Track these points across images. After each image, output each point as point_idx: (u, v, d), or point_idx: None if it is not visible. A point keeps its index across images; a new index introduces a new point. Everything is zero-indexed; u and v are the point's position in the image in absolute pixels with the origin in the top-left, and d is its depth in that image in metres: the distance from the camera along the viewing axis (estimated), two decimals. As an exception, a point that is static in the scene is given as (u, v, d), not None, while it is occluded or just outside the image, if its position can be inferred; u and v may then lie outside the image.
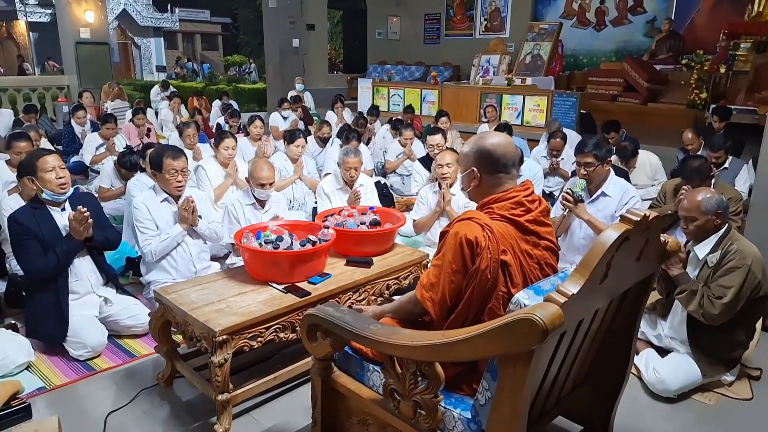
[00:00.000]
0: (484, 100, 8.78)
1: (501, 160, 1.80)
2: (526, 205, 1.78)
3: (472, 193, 1.90)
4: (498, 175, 1.82)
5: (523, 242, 1.75)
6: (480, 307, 1.70)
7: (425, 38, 13.83)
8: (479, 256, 1.65)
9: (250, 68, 21.17)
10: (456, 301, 1.73)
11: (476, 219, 1.71)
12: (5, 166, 4.34)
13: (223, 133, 4.84)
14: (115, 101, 9.57)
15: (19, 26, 23.24)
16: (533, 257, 1.76)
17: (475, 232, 1.67)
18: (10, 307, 3.45)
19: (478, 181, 1.84)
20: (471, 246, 1.66)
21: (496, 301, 1.69)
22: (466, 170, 1.87)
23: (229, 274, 2.76)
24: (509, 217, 1.75)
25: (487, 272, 1.65)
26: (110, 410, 2.50)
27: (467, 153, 1.86)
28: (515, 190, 1.80)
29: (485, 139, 1.85)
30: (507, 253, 1.68)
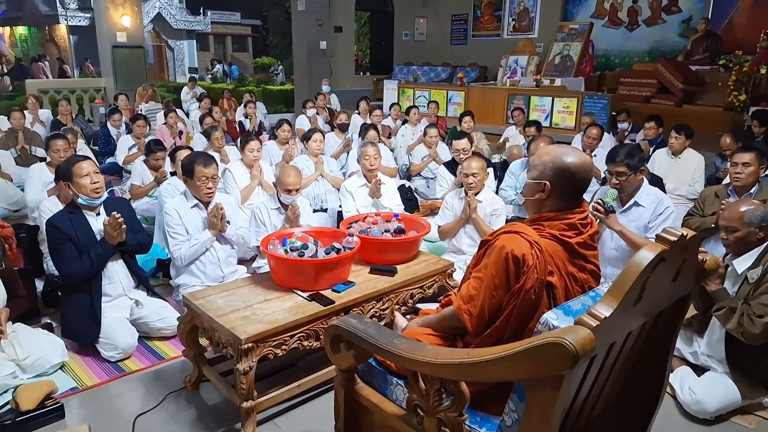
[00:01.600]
0: (512, 102, 8.68)
1: (580, 184, 1.71)
2: (578, 228, 1.71)
3: (530, 203, 1.79)
4: (568, 197, 1.72)
5: (570, 264, 1.69)
6: (519, 327, 1.66)
7: (452, 39, 13.74)
8: (525, 274, 1.59)
9: (277, 69, 21.38)
10: (494, 316, 1.69)
11: (525, 234, 1.64)
12: (45, 167, 4.47)
13: (248, 136, 4.91)
14: (149, 103, 9.77)
15: (60, 30, 23.97)
16: (578, 280, 1.70)
17: (523, 248, 1.61)
18: (47, 307, 3.56)
19: (546, 196, 1.72)
20: (517, 263, 1.61)
21: (537, 323, 1.60)
22: (537, 179, 1.73)
23: (255, 280, 2.79)
24: (559, 237, 1.68)
25: (532, 292, 1.60)
26: (139, 412, 2.54)
27: (546, 163, 1.72)
28: (572, 212, 1.72)
29: (571, 156, 1.70)
30: (554, 274, 1.63)
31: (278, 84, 18.52)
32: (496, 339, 1.67)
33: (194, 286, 3.29)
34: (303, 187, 4.47)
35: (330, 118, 8.80)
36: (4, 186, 5.31)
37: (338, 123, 7.08)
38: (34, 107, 7.97)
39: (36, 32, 25.35)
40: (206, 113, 7.60)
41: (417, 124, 7.38)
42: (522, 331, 1.65)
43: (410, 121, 7.42)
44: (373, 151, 4.16)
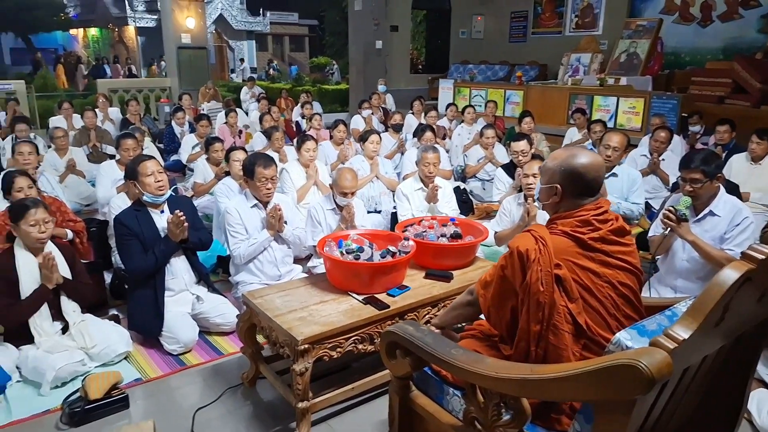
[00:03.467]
0: (573, 102, 8.41)
1: (590, 183, 1.76)
2: (593, 224, 1.73)
3: (547, 207, 1.87)
4: (581, 197, 1.77)
5: (585, 259, 1.70)
6: (541, 323, 1.66)
7: (511, 36, 13.44)
8: (530, 269, 1.66)
9: (333, 69, 21.63)
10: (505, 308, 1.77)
11: (534, 231, 1.73)
12: (115, 165, 4.68)
13: (305, 136, 4.97)
14: (210, 102, 10.09)
15: (129, 31, 25.19)
16: (600, 275, 1.69)
17: (527, 244, 1.69)
18: (114, 299, 3.73)
19: (559, 198, 1.80)
20: (522, 258, 1.68)
21: (559, 317, 1.65)
22: (548, 184, 1.82)
23: (312, 281, 2.81)
24: (570, 233, 1.73)
25: (539, 284, 1.64)
26: (198, 406, 2.62)
27: (554, 168, 1.80)
28: (585, 209, 1.75)
29: (577, 158, 1.77)
30: (561, 267, 1.67)
31: (334, 83, 18.75)
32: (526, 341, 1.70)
33: (252, 283, 3.36)
34: (358, 189, 4.48)
35: (384, 118, 8.81)
36: (77, 182, 5.60)
37: (392, 123, 7.08)
38: (105, 106, 8.38)
39: (106, 34, 26.74)
40: (265, 112, 7.77)
41: (473, 124, 7.27)
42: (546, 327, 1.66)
43: (466, 120, 7.31)
44: (433, 157, 4.09)
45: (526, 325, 1.69)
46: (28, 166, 4.23)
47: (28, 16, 22.20)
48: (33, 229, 2.76)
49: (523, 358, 1.70)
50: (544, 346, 1.66)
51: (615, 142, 4.06)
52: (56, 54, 24.95)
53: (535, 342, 1.67)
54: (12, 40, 26.11)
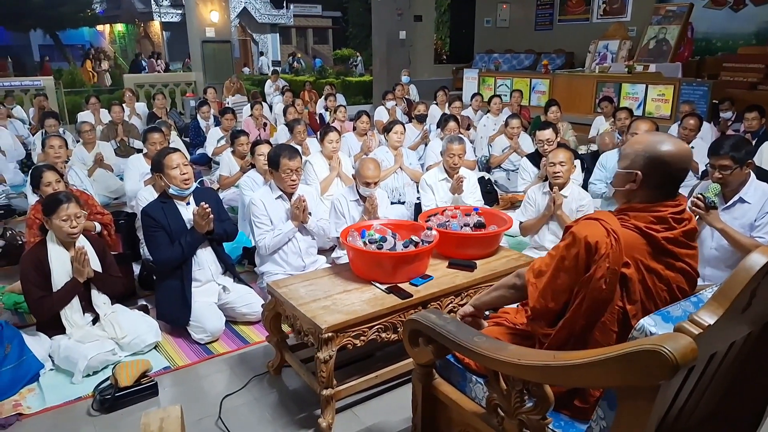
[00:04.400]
0: (601, 90, 8.26)
1: (674, 175, 1.61)
2: (669, 222, 1.60)
3: (620, 193, 1.70)
4: (661, 188, 1.62)
5: (653, 260, 1.58)
6: (591, 319, 1.60)
7: (536, 24, 13.22)
8: (596, 263, 1.54)
9: (356, 61, 21.62)
10: (557, 301, 1.65)
11: (604, 222, 1.58)
12: (142, 159, 4.78)
13: (328, 128, 5.00)
14: (235, 96, 10.20)
15: (154, 26, 25.57)
16: (663, 278, 1.59)
17: (597, 235, 1.55)
18: (143, 290, 3.82)
19: (636, 186, 1.62)
20: (589, 250, 1.55)
21: (611, 316, 1.57)
22: (627, 169, 1.64)
23: (335, 271, 2.83)
24: (644, 229, 1.58)
25: (602, 282, 1.53)
26: (225, 393, 2.67)
27: (637, 152, 1.62)
28: (664, 205, 1.61)
29: (664, 144, 1.59)
30: (630, 266, 1.55)
31: (357, 75, 18.77)
32: (568, 332, 1.63)
33: (277, 274, 3.40)
34: (382, 180, 4.49)
35: (408, 108, 8.79)
36: (105, 176, 5.73)
37: (416, 114, 7.06)
38: (131, 101, 8.53)
39: (132, 29, 27.19)
40: (289, 105, 7.83)
41: (498, 114, 7.20)
42: (594, 323, 1.59)
43: (491, 110, 7.25)
44: (458, 148, 4.08)
45: (574, 318, 1.60)
46: (59, 160, 4.33)
47: (55, 13, 22.70)
48: (65, 224, 2.83)
49: (560, 346, 1.64)
50: (586, 340, 1.61)
51: (643, 130, 3.98)
52: (83, 50, 25.49)
53: (579, 335, 1.61)
54: (41, 37, 26.74)
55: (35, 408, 2.59)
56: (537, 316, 1.74)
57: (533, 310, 1.73)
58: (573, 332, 1.63)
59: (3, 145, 6.51)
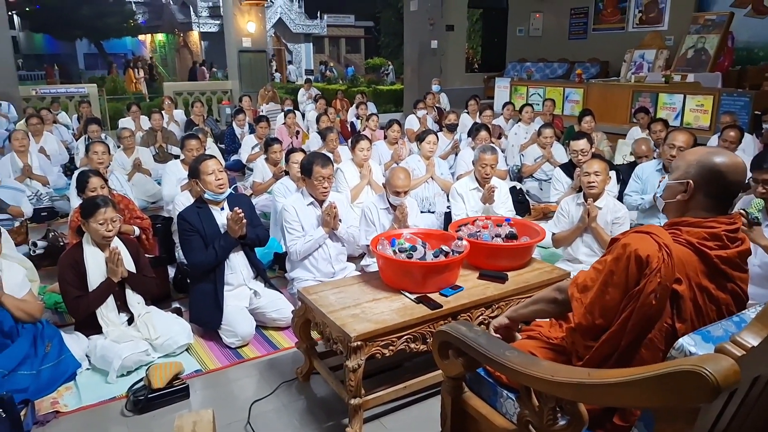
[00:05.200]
0: (637, 99, 8.09)
1: (729, 187, 1.56)
2: (723, 240, 1.54)
3: (671, 206, 1.66)
4: (714, 200, 1.57)
5: (705, 278, 1.53)
6: (638, 336, 1.55)
7: (570, 33, 13.06)
8: (646, 277, 1.48)
9: (387, 69, 21.74)
10: (606, 317, 1.59)
11: (655, 235, 1.53)
12: (180, 165, 4.89)
13: (359, 136, 5.03)
14: (269, 104, 10.36)
15: (193, 36, 26.26)
16: (714, 299, 1.54)
17: (648, 249, 1.49)
18: (177, 292, 3.90)
19: (688, 197, 1.58)
20: (640, 264, 1.50)
21: (659, 334, 1.52)
22: (679, 178, 1.61)
23: (365, 279, 2.84)
24: (697, 246, 1.53)
25: (652, 297, 1.48)
26: (254, 399, 2.69)
27: (690, 162, 1.59)
28: (717, 221, 1.56)
29: (720, 155, 1.56)
30: (682, 283, 1.49)
31: (388, 84, 18.86)
32: (612, 347, 1.58)
33: (307, 280, 3.43)
34: (412, 189, 4.49)
35: (439, 117, 8.78)
36: (144, 180, 5.89)
37: (447, 123, 7.05)
38: (170, 108, 8.76)
39: (172, 39, 27.98)
40: (322, 113, 7.91)
41: (530, 123, 7.13)
42: (641, 340, 1.54)
43: (524, 119, 7.18)
44: (491, 158, 4.04)
45: (619, 333, 1.55)
46: (102, 165, 4.48)
47: (100, 24, 23.58)
48: (101, 227, 2.93)
49: (601, 362, 1.60)
50: (631, 358, 1.56)
51: (681, 141, 3.89)
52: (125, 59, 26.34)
53: (623, 352, 1.56)
54: (86, 46, 27.76)
55: (72, 406, 2.66)
56: (582, 332, 1.68)
57: (579, 327, 1.67)
58: (617, 348, 1.58)
59: (48, 149, 6.76)
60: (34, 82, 21.37)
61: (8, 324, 2.73)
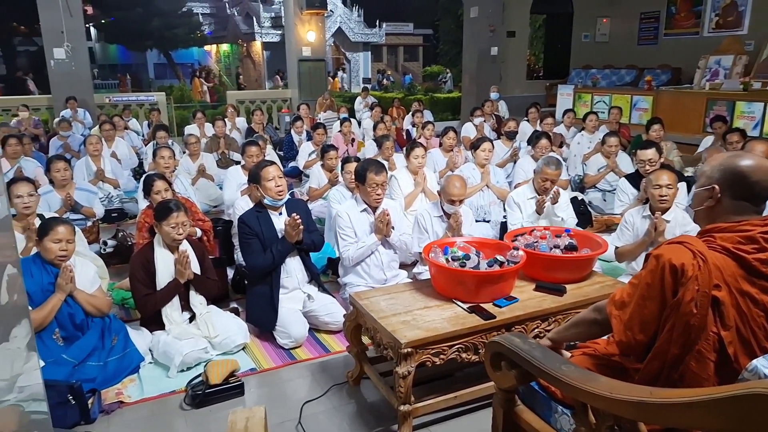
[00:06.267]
0: (711, 108, 7.68)
1: (754, 186, 1.54)
2: (760, 242, 1.50)
3: (701, 214, 1.66)
4: (743, 203, 1.56)
5: (746, 283, 1.49)
6: (683, 347, 1.49)
7: (640, 39, 12.56)
8: (684, 286, 1.46)
9: (445, 77, 21.66)
10: (645, 331, 1.56)
11: (688, 244, 1.51)
12: (240, 170, 5.07)
13: (414, 143, 5.03)
14: (327, 112, 10.56)
15: (256, 46, 27.14)
16: (759, 303, 1.48)
17: (682, 258, 1.48)
18: (235, 293, 4.02)
19: (715, 202, 1.59)
20: (675, 273, 1.48)
21: (707, 344, 1.47)
22: (704, 184, 1.62)
23: (416, 286, 2.82)
24: (732, 250, 1.51)
25: (692, 306, 1.45)
26: (306, 399, 2.73)
27: (714, 167, 1.60)
28: (751, 224, 1.53)
29: (741, 158, 1.58)
30: (721, 289, 1.47)
31: (446, 92, 18.80)
32: (660, 362, 1.54)
33: (359, 285, 3.45)
34: (467, 197, 4.44)
35: (497, 125, 8.66)
36: (207, 185, 6.13)
37: (506, 130, 6.93)
38: (233, 116, 9.08)
39: (236, 49, 29.04)
40: (378, 121, 7.97)
41: (594, 132, 6.90)
42: (688, 352, 1.49)
43: (587, 128, 6.96)
44: (554, 173, 3.91)
45: (665, 346, 1.52)
46: (167, 169, 4.69)
47: (169, 35, 24.83)
48: (172, 230, 3.08)
49: (652, 379, 1.55)
50: (681, 372, 1.51)
51: (760, 152, 3.65)
52: (192, 68, 27.57)
53: (672, 366, 1.51)
54: (156, 56, 29.26)
55: (134, 397, 2.78)
56: (625, 350, 1.65)
57: (620, 345, 1.64)
58: (665, 362, 1.53)
59: (119, 154, 7.16)
60: (107, 90, 22.75)
61: (80, 317, 2.91)
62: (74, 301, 2.89)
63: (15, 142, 5.81)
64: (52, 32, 9.53)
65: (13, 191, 3.63)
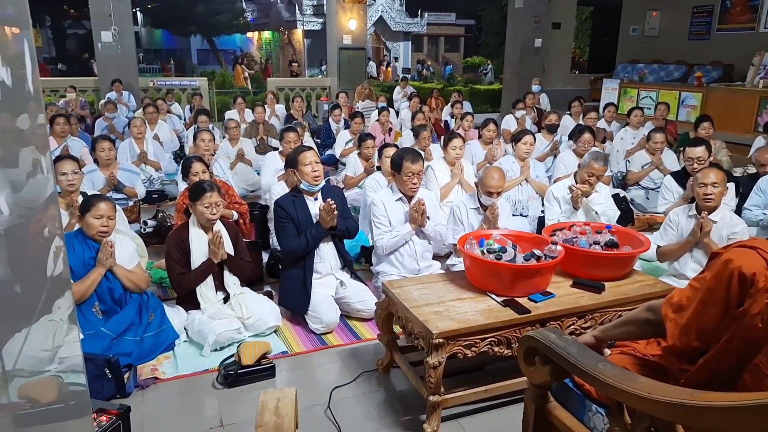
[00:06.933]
0: (765, 107, 7.34)
1: None
2: None
3: None
4: None
5: None
6: (740, 360, 1.41)
7: (691, 33, 12.09)
8: (752, 297, 1.37)
9: (486, 69, 21.35)
10: (702, 339, 1.47)
11: (761, 250, 1.41)
12: (278, 156, 5.12)
13: (452, 134, 4.97)
14: (365, 101, 10.56)
15: (297, 34, 27.34)
16: None
17: (754, 266, 1.38)
18: (269, 277, 4.07)
19: None
20: (743, 283, 1.38)
21: (765, 359, 1.38)
22: None
23: (450, 277, 2.80)
24: None
25: (758, 319, 1.35)
26: (336, 385, 2.75)
27: None
28: None
29: None
30: None
31: (486, 83, 18.53)
32: (711, 372, 1.46)
33: (392, 275, 3.45)
34: (505, 191, 4.37)
35: (538, 118, 8.49)
36: (245, 169, 6.22)
37: (547, 124, 6.78)
38: (272, 102, 9.17)
39: (277, 36, 29.30)
40: (417, 111, 7.93)
41: (639, 128, 6.69)
42: (744, 365, 1.41)
43: (632, 123, 6.74)
44: (601, 169, 3.81)
45: (719, 356, 1.45)
46: (207, 152, 4.78)
47: (213, 21, 25.26)
48: (206, 210, 3.13)
49: (700, 386, 1.46)
50: (733, 383, 1.44)
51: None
52: (234, 55, 27.95)
53: (724, 377, 1.45)
54: (199, 42, 29.79)
55: (169, 374, 2.85)
56: (676, 354, 1.57)
57: (673, 349, 1.56)
58: (717, 372, 1.46)
59: (162, 136, 7.32)
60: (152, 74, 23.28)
61: (118, 292, 2.99)
62: (113, 275, 2.97)
63: (63, 122, 5.98)
64: (100, 16, 9.80)
65: (58, 169, 3.75)
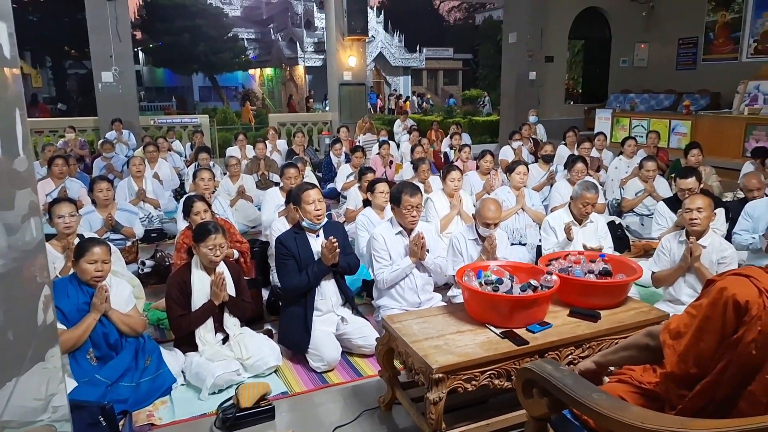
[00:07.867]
0: (751, 133, 7.46)
1: None
2: None
3: None
4: None
5: None
6: (736, 387, 1.43)
7: (678, 64, 12.36)
8: (745, 325, 1.40)
9: (484, 101, 21.71)
10: (700, 365, 1.49)
11: (755, 279, 1.44)
12: (279, 192, 5.17)
13: (451, 166, 5.05)
14: (366, 134, 10.70)
15: (298, 70, 27.89)
16: None
17: (747, 294, 1.41)
18: (270, 314, 4.05)
19: None
20: (738, 310, 1.41)
21: (760, 386, 1.40)
22: None
23: (449, 310, 2.82)
24: None
25: (752, 347, 1.38)
26: (337, 425, 2.72)
27: None
28: None
29: None
30: None
31: (484, 115, 18.82)
32: (707, 398, 1.47)
33: (393, 308, 3.46)
34: (502, 220, 4.42)
35: (535, 148, 8.61)
36: (246, 206, 6.27)
37: (543, 154, 6.88)
38: (274, 138, 9.29)
39: (279, 72, 29.85)
40: (416, 144, 8.05)
41: (632, 156, 6.78)
42: (740, 392, 1.42)
43: (625, 152, 6.85)
44: (593, 197, 3.89)
45: (715, 384, 1.47)
46: (207, 191, 4.83)
47: (215, 59, 25.75)
48: (210, 252, 3.13)
49: (696, 414, 1.49)
50: (727, 409, 1.45)
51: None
52: (236, 91, 28.42)
53: (720, 404, 1.46)
54: (201, 80, 30.30)
55: (166, 420, 2.78)
56: (675, 380, 1.59)
57: (671, 376, 1.58)
58: (713, 400, 1.47)
59: (162, 174, 7.35)
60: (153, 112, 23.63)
61: (113, 337, 2.93)
62: (108, 320, 2.92)
63: (61, 163, 5.96)
64: (101, 56, 9.91)
65: (55, 211, 3.75)
